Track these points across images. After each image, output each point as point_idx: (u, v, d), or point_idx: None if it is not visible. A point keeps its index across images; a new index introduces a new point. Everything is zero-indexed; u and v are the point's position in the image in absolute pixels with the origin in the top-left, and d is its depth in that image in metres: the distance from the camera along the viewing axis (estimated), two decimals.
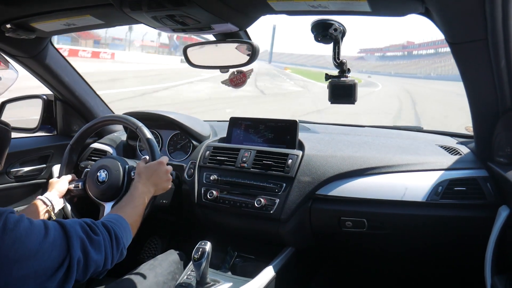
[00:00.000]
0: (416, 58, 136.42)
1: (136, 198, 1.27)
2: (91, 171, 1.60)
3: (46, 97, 2.19)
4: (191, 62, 1.58)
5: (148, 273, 1.52)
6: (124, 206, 1.24)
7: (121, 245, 1.07)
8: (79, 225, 0.98)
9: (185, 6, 1.18)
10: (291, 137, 1.79)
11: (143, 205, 1.28)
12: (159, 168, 1.39)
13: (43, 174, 2.14)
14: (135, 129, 1.56)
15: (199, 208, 1.82)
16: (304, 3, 1.17)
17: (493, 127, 1.39)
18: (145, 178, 1.35)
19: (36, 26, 1.61)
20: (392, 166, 1.59)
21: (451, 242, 1.65)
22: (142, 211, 1.26)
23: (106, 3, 1.32)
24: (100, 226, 1.03)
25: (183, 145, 2.06)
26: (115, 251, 1.04)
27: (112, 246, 1.03)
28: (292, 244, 1.74)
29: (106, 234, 1.03)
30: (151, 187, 1.35)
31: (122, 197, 1.50)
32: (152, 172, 1.37)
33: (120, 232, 1.08)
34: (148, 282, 1.48)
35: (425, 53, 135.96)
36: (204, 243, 1.45)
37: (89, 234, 0.98)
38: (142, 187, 1.32)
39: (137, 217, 1.22)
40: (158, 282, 1.52)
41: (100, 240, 0.99)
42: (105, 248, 1.00)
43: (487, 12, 1.06)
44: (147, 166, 1.39)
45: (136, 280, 1.46)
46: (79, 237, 0.94)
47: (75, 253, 0.91)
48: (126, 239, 1.10)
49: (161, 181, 1.38)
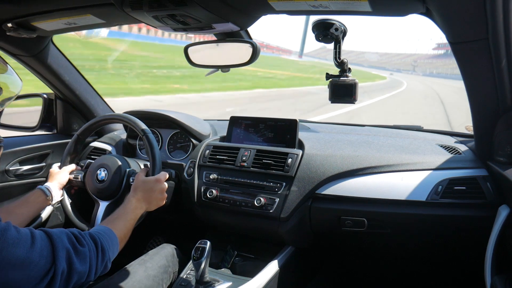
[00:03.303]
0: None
1: (128, 212, 1.30)
2: (92, 167, 1.62)
3: (47, 96, 2.20)
4: (192, 62, 1.59)
5: (138, 268, 1.53)
6: (115, 219, 1.25)
7: (106, 257, 1.07)
8: (65, 236, 0.98)
9: (186, 5, 1.19)
10: (291, 136, 1.79)
11: (134, 220, 1.31)
12: (156, 186, 1.42)
13: (43, 173, 2.14)
14: (142, 135, 1.57)
15: (199, 207, 1.82)
16: (305, 3, 1.17)
17: (493, 127, 1.39)
18: (140, 194, 1.38)
19: (37, 25, 1.61)
20: (392, 165, 1.59)
21: (451, 241, 1.65)
22: (132, 226, 1.29)
23: (107, 3, 1.32)
24: (87, 237, 1.04)
25: (183, 144, 2.06)
26: (99, 263, 1.04)
27: (98, 258, 1.04)
28: (291, 243, 1.74)
29: (92, 245, 1.03)
30: (144, 204, 1.38)
31: (117, 200, 1.53)
32: (148, 189, 1.40)
33: (107, 245, 1.08)
34: (138, 277, 1.49)
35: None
36: (204, 242, 1.46)
37: (75, 245, 0.98)
38: (136, 202, 1.35)
39: (127, 231, 1.25)
40: (148, 276, 1.53)
41: (85, 252, 1.00)
42: (90, 260, 1.01)
43: (487, 11, 1.06)
44: (145, 182, 1.42)
45: (126, 276, 1.47)
46: (65, 248, 0.94)
47: (60, 264, 0.91)
48: (113, 252, 1.12)
49: (155, 200, 1.42)
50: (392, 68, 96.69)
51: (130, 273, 1.50)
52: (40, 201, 1.46)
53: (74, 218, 1.60)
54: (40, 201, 1.46)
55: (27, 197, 1.45)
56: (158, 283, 1.55)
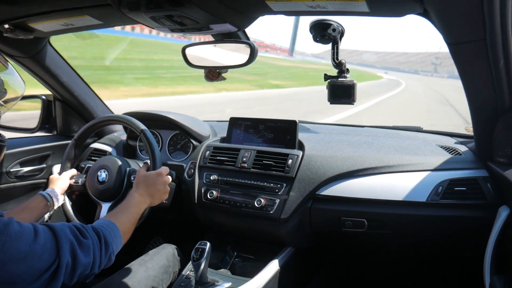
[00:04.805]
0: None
1: (131, 207, 1.29)
2: (92, 169, 1.61)
3: (45, 97, 2.20)
4: (190, 62, 1.58)
5: (138, 268, 1.53)
6: (118, 213, 1.25)
7: (110, 250, 1.07)
8: (68, 228, 0.98)
9: (184, 6, 1.18)
10: (291, 137, 1.79)
11: (138, 214, 1.30)
12: (158, 180, 1.41)
13: (43, 174, 2.14)
14: (139, 133, 1.56)
15: (199, 208, 1.82)
16: (303, 3, 1.17)
17: (493, 127, 1.38)
18: (142, 188, 1.37)
19: (34, 26, 1.61)
20: (392, 166, 1.59)
21: (451, 242, 1.65)
22: (136, 220, 1.28)
23: (104, 4, 1.32)
24: (90, 230, 1.04)
25: (183, 145, 2.06)
26: (103, 255, 1.04)
27: (101, 250, 1.03)
28: (292, 244, 1.73)
29: (96, 238, 1.03)
30: (147, 198, 1.37)
31: (119, 200, 1.52)
32: (151, 183, 1.39)
33: (110, 238, 1.08)
34: (139, 277, 1.49)
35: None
36: (204, 243, 1.46)
37: (78, 237, 0.98)
38: (139, 197, 1.34)
39: (130, 226, 1.24)
40: (148, 276, 1.52)
41: (89, 244, 1.00)
42: (93, 252, 1.00)
43: (485, 12, 1.06)
44: (147, 176, 1.41)
45: (126, 276, 1.47)
46: (68, 240, 0.95)
47: (64, 256, 0.91)
48: (116, 245, 1.11)
49: (158, 193, 1.41)
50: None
51: (131, 273, 1.49)
52: (41, 206, 1.45)
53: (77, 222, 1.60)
54: (42, 206, 1.45)
55: (28, 203, 1.43)
56: (158, 284, 1.55)
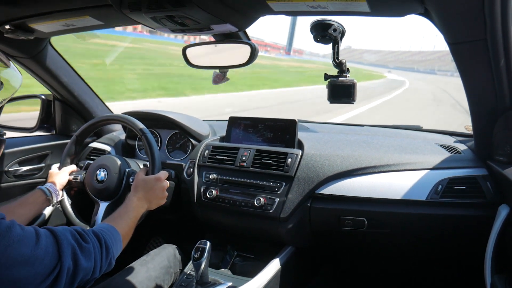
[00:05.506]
0: None
1: (130, 211, 1.30)
2: (91, 167, 1.62)
3: (45, 97, 2.20)
4: (190, 62, 1.58)
5: (139, 268, 1.53)
6: (117, 217, 1.25)
7: (111, 255, 1.07)
8: (69, 233, 0.98)
9: (185, 7, 1.18)
10: (291, 136, 1.79)
11: (136, 218, 1.30)
12: (156, 185, 1.42)
13: (42, 173, 2.14)
14: (141, 135, 1.57)
15: (198, 207, 1.82)
16: (303, 3, 1.17)
17: (493, 126, 1.39)
18: (141, 192, 1.38)
19: (35, 27, 1.60)
20: (392, 165, 1.59)
21: (451, 241, 1.65)
22: (135, 224, 1.29)
23: (105, 4, 1.32)
24: (91, 234, 1.04)
25: (182, 145, 2.06)
26: (104, 259, 1.04)
27: (102, 254, 1.04)
28: (291, 243, 1.74)
29: (96, 242, 1.04)
30: (145, 203, 1.38)
31: (117, 200, 1.52)
32: (149, 188, 1.40)
33: (111, 242, 1.08)
34: (140, 278, 1.49)
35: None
36: (204, 242, 1.46)
37: (80, 241, 0.99)
38: (137, 201, 1.35)
39: (129, 230, 1.24)
40: (149, 276, 1.53)
41: (90, 248, 1.00)
42: (94, 256, 1.01)
43: (486, 12, 1.06)
44: (145, 180, 1.42)
45: (127, 277, 1.47)
46: (70, 244, 0.95)
47: (66, 261, 0.91)
48: (116, 250, 1.12)
49: (156, 198, 1.42)
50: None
51: (132, 273, 1.50)
52: (40, 201, 1.46)
53: (75, 219, 1.60)
54: (40, 201, 1.46)
55: (27, 197, 1.44)
56: (160, 284, 1.55)
